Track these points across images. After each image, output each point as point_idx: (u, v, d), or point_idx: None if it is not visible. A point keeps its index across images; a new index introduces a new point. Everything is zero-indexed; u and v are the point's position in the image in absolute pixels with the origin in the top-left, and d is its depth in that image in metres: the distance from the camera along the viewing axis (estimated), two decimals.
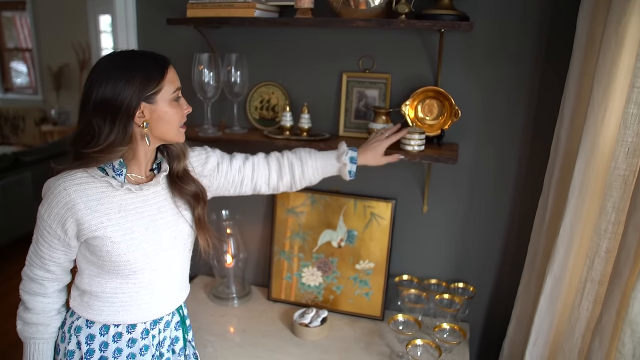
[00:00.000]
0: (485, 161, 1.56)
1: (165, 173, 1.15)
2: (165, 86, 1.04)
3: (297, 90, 1.67)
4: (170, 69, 1.06)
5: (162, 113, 1.05)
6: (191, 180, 1.20)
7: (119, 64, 1.02)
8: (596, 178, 1.17)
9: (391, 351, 1.54)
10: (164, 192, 1.15)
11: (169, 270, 1.16)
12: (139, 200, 1.09)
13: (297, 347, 1.56)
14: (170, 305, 1.19)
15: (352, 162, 1.34)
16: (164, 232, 1.12)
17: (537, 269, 1.40)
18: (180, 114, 1.09)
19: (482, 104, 1.52)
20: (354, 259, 1.71)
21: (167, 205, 1.15)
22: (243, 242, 1.82)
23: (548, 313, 1.31)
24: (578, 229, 1.22)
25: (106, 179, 1.05)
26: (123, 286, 1.10)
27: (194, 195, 1.19)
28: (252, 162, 1.33)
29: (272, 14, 1.53)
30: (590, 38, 1.17)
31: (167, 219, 1.14)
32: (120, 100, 0.99)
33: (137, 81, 1.00)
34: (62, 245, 1.05)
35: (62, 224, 1.02)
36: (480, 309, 1.70)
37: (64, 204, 1.01)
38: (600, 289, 1.16)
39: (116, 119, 1.00)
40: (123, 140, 1.01)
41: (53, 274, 1.10)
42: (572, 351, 1.24)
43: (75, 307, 1.13)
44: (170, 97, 1.06)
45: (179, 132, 1.11)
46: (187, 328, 1.27)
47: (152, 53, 1.07)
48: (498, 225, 1.61)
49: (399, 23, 1.33)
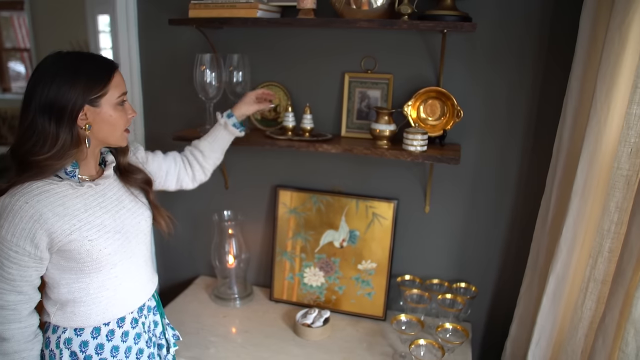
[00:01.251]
0: (487, 161, 1.57)
1: (114, 164, 1.17)
2: (110, 90, 1.04)
3: (299, 90, 1.67)
4: (117, 73, 1.07)
5: (107, 116, 1.06)
6: (137, 168, 1.24)
7: (64, 65, 1.01)
8: (599, 178, 1.18)
9: (394, 351, 1.54)
10: (117, 182, 1.18)
11: (142, 255, 1.20)
12: (98, 195, 1.11)
13: (300, 347, 1.56)
14: (149, 289, 1.23)
15: (231, 118, 1.45)
16: (129, 220, 1.15)
17: (540, 269, 1.41)
18: (124, 118, 1.10)
19: (484, 104, 1.52)
20: (356, 259, 1.71)
21: (123, 194, 1.18)
22: (245, 243, 1.82)
23: (551, 313, 1.32)
24: (581, 228, 1.23)
25: (64, 182, 1.05)
26: (106, 282, 1.11)
27: (145, 181, 1.24)
28: (172, 157, 1.42)
29: (274, 15, 1.53)
30: (592, 38, 1.18)
31: (128, 207, 1.17)
32: (65, 101, 0.99)
33: (82, 83, 1.00)
34: (33, 262, 1.02)
35: (32, 239, 0.99)
36: (482, 308, 1.70)
37: (29, 217, 0.98)
38: (604, 289, 1.16)
39: (62, 122, 1.00)
40: (72, 143, 1.02)
41: (25, 295, 1.05)
42: (575, 351, 1.25)
43: (58, 321, 1.11)
44: (116, 101, 1.06)
45: (122, 135, 1.12)
46: (162, 312, 1.32)
47: (100, 56, 1.07)
48: (500, 226, 1.61)
49: (402, 24, 1.33)
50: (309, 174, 1.75)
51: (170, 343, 1.30)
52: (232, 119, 1.45)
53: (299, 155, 1.73)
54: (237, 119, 1.46)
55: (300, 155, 1.73)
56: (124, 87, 1.10)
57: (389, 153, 1.44)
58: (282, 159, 1.76)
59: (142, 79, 1.83)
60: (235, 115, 1.46)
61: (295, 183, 1.77)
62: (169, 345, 1.30)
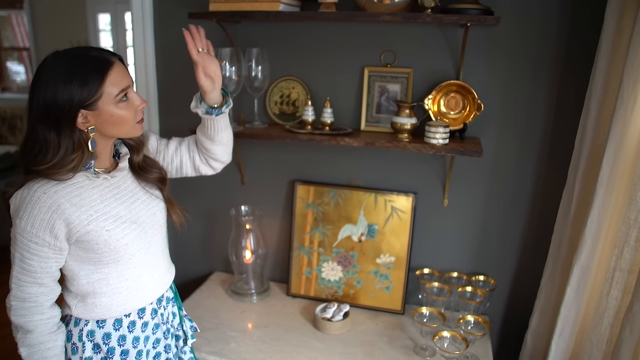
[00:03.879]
0: (506, 154, 1.58)
1: (128, 156, 1.16)
2: (106, 90, 0.99)
3: (317, 84, 1.67)
4: (113, 69, 1.00)
5: (108, 117, 1.02)
6: (152, 166, 1.22)
7: (57, 68, 0.97)
8: (624, 168, 1.19)
9: (414, 344, 1.55)
10: (130, 174, 1.17)
11: (158, 246, 1.20)
12: (113, 187, 1.11)
13: (321, 341, 1.56)
14: (167, 280, 1.24)
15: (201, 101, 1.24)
16: (143, 211, 1.15)
17: (562, 260, 1.42)
18: (131, 113, 1.06)
19: (503, 97, 1.53)
20: (374, 253, 1.71)
21: (137, 186, 1.17)
22: (262, 238, 1.82)
23: (574, 303, 1.33)
24: (606, 219, 1.24)
25: (81, 173, 1.04)
26: (125, 273, 1.11)
27: (159, 179, 1.22)
28: (187, 143, 1.34)
29: (294, 8, 1.53)
30: (618, 30, 1.19)
31: (143, 199, 1.17)
32: (59, 109, 0.97)
33: (74, 88, 0.96)
34: (53, 252, 1.03)
35: (51, 229, 0.99)
36: (500, 301, 1.71)
37: (47, 207, 0.98)
38: (630, 278, 1.17)
39: (60, 129, 0.98)
40: (73, 149, 1.00)
41: (46, 287, 1.06)
42: (600, 340, 1.26)
43: (79, 313, 1.11)
44: (116, 99, 1.02)
45: (134, 127, 1.09)
46: (180, 304, 1.32)
47: (93, 55, 1.00)
48: (518, 218, 1.62)
49: (426, 17, 1.34)
50: (327, 169, 1.75)
51: (187, 335, 1.30)
52: (205, 107, 1.23)
53: (316, 150, 1.73)
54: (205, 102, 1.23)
55: (317, 149, 1.73)
56: (126, 81, 1.03)
57: (411, 146, 1.45)
58: (299, 154, 1.76)
59: (157, 73, 1.82)
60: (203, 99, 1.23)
61: (313, 178, 1.77)
62: (186, 337, 1.29)
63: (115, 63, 1.02)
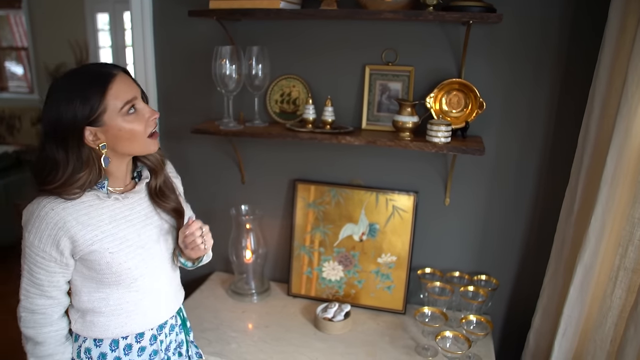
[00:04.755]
0: (508, 153, 1.57)
1: (147, 180, 1.12)
2: (110, 104, 0.97)
3: (318, 83, 1.66)
4: (115, 82, 0.98)
5: (117, 131, 0.99)
6: (171, 192, 1.16)
7: (61, 86, 0.97)
8: (628, 167, 1.18)
9: (416, 344, 1.54)
10: (147, 198, 1.14)
11: (166, 273, 1.17)
12: (126, 208, 1.08)
13: (322, 341, 1.55)
14: (172, 307, 1.20)
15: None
16: (155, 237, 1.12)
17: (565, 259, 1.41)
18: (141, 125, 1.02)
19: (505, 96, 1.52)
20: (375, 253, 1.70)
21: (152, 211, 1.14)
22: (263, 237, 1.80)
23: (578, 303, 1.32)
24: (609, 217, 1.23)
25: (92, 192, 1.03)
26: (126, 296, 1.09)
27: (174, 210, 1.16)
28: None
29: (295, 6, 1.52)
30: (622, 29, 1.18)
31: (156, 224, 1.13)
32: (65, 125, 0.96)
33: (76, 105, 0.95)
34: (59, 267, 1.02)
35: (57, 245, 0.99)
36: (502, 300, 1.71)
37: (54, 224, 0.98)
38: (635, 277, 1.16)
39: (68, 146, 0.97)
40: (81, 167, 0.98)
41: (55, 299, 1.06)
42: (603, 340, 1.25)
43: (78, 329, 1.10)
44: (122, 112, 0.99)
45: (147, 143, 1.04)
46: (188, 330, 1.29)
47: (94, 70, 1.00)
48: (520, 218, 1.62)
49: (428, 15, 1.33)
50: (327, 168, 1.74)
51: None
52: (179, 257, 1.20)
53: (317, 149, 1.72)
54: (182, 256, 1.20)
55: (318, 148, 1.72)
56: (131, 93, 1.01)
57: (413, 145, 1.44)
58: (300, 153, 1.75)
59: (157, 72, 1.81)
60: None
61: (313, 177, 1.76)
62: None
63: (118, 75, 0.99)
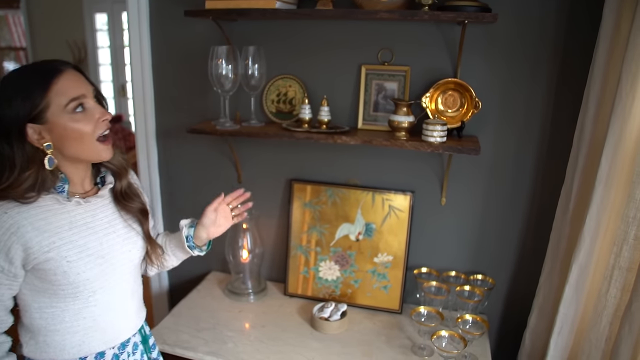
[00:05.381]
0: (504, 152, 1.57)
1: (111, 185, 1.09)
2: (53, 100, 0.92)
3: (314, 83, 1.66)
4: (60, 78, 0.93)
5: (62, 130, 0.94)
6: (135, 195, 1.14)
7: (6, 82, 0.94)
8: (623, 166, 1.18)
9: (412, 344, 1.54)
10: (112, 205, 1.09)
11: (128, 286, 1.11)
12: (88, 214, 1.03)
13: (318, 341, 1.55)
14: (134, 324, 1.15)
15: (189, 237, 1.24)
16: (118, 246, 1.07)
17: (561, 259, 1.41)
18: (90, 126, 0.96)
19: (501, 95, 1.52)
20: (372, 252, 1.70)
21: (117, 218, 1.09)
22: (260, 237, 1.81)
23: (573, 301, 1.32)
24: (604, 217, 1.23)
25: (51, 196, 0.97)
26: (83, 311, 1.02)
27: (141, 210, 1.14)
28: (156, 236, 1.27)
29: (291, 6, 1.52)
30: (616, 28, 1.18)
31: (119, 232, 1.08)
32: (8, 121, 0.92)
33: (18, 101, 0.91)
34: (6, 279, 0.94)
35: (6, 252, 0.91)
36: (498, 300, 1.71)
37: (6, 229, 0.91)
38: (629, 276, 1.17)
39: (12, 144, 0.92)
40: (27, 166, 0.93)
41: None
42: (598, 339, 1.25)
43: (31, 353, 1.01)
44: (67, 109, 0.94)
45: (97, 147, 0.99)
46: (149, 347, 1.24)
47: (40, 65, 0.96)
48: (516, 217, 1.62)
49: (423, 14, 1.33)
50: (324, 168, 1.74)
51: None
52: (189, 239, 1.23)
53: (314, 149, 1.72)
54: (194, 239, 1.24)
55: (315, 148, 1.72)
56: (79, 89, 0.96)
57: (408, 144, 1.44)
58: (296, 153, 1.75)
59: (153, 72, 1.81)
60: (193, 236, 1.23)
61: (310, 177, 1.76)
62: None
63: (65, 71, 0.95)
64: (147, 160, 1.89)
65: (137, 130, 1.87)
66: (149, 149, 1.88)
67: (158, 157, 1.90)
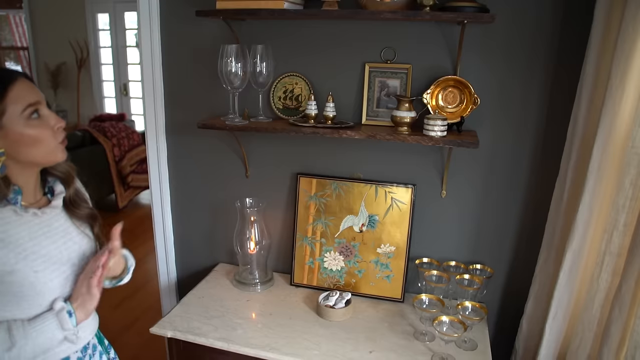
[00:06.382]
0: (502, 147, 1.64)
1: (63, 194, 1.10)
2: (9, 106, 0.93)
3: (320, 80, 1.73)
4: (16, 84, 0.95)
5: (19, 137, 0.95)
6: (83, 200, 1.15)
7: None
8: (613, 157, 1.25)
9: (414, 330, 1.61)
10: (63, 213, 1.11)
11: None
12: (44, 225, 1.03)
13: (324, 328, 1.61)
14: (93, 326, 1.17)
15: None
16: (75, 252, 1.09)
17: (556, 247, 1.48)
18: (46, 132, 0.98)
19: (499, 92, 1.59)
20: (375, 243, 1.77)
21: (70, 225, 1.11)
22: (266, 229, 1.87)
23: (567, 287, 1.39)
24: (596, 205, 1.30)
25: (8, 208, 0.96)
26: None
27: (89, 216, 1.15)
28: None
29: (298, 6, 1.58)
30: (607, 27, 1.25)
31: (75, 240, 1.10)
32: None
33: None
34: None
35: None
36: (497, 288, 1.78)
37: None
38: (619, 261, 1.24)
39: None
40: None
41: None
42: (591, 322, 1.32)
43: None
44: (22, 116, 0.95)
45: (54, 150, 1.00)
46: (106, 348, 1.26)
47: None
48: (513, 209, 1.69)
49: (425, 15, 1.40)
50: (329, 162, 1.81)
51: None
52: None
53: (319, 144, 1.79)
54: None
55: (320, 142, 1.78)
56: (33, 97, 0.97)
57: (410, 138, 1.51)
58: (302, 147, 1.82)
59: (164, 70, 1.87)
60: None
61: (315, 170, 1.83)
62: None
63: (19, 79, 0.97)
64: (157, 155, 1.96)
65: (147, 127, 1.94)
66: (159, 145, 1.94)
67: (167, 153, 1.96)
